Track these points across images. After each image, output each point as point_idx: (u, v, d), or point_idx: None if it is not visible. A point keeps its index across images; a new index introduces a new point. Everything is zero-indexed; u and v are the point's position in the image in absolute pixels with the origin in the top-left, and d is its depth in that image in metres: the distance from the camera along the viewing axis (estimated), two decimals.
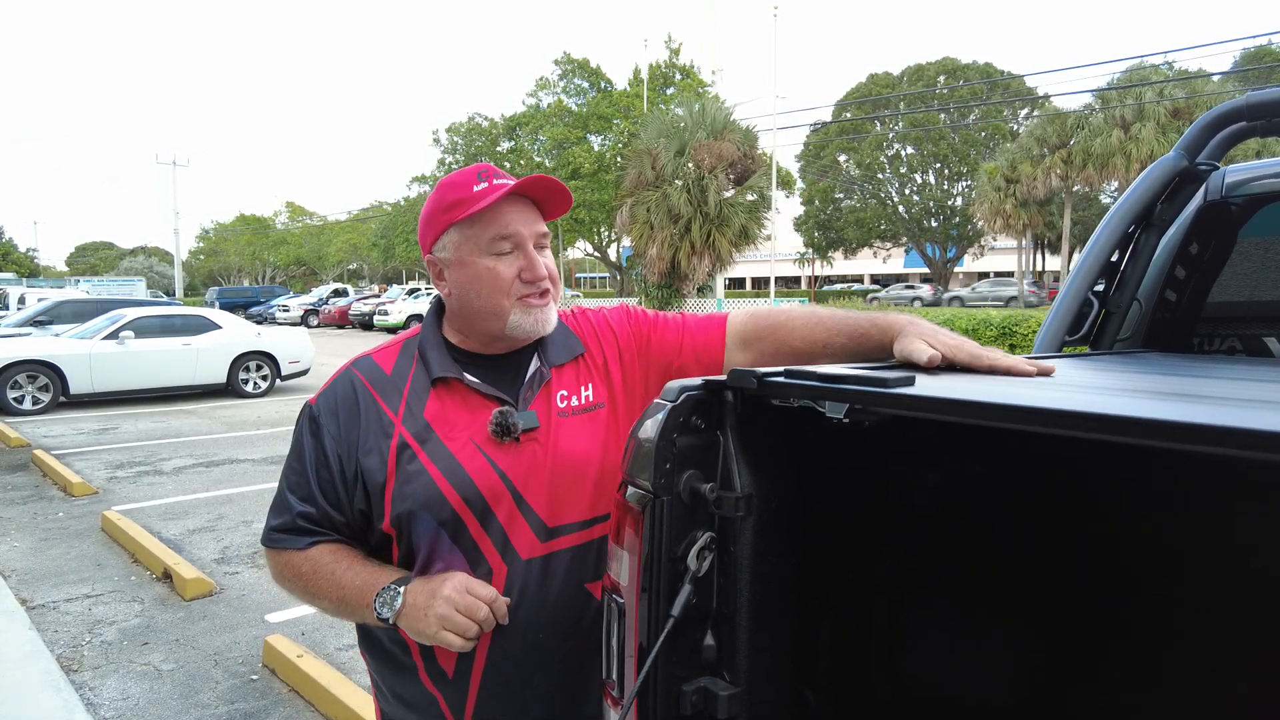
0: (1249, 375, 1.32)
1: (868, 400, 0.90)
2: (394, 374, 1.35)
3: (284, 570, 1.34)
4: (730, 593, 1.04)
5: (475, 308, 1.33)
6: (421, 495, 1.26)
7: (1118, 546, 1.33)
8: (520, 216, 1.32)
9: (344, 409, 1.32)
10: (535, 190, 1.33)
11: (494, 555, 1.28)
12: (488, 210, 1.28)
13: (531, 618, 1.28)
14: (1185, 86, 29.40)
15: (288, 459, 1.36)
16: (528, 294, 1.32)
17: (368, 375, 1.35)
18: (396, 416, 1.30)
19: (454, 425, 1.30)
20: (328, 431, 1.31)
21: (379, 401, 1.32)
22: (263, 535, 1.36)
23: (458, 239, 1.32)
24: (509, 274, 1.30)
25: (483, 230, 1.30)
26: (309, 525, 1.31)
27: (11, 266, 61.69)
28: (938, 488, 1.34)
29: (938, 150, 43.73)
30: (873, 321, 1.28)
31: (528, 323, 1.32)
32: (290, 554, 1.32)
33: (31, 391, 11.23)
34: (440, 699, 1.31)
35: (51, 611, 4.54)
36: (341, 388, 1.35)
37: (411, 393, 1.32)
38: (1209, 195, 2.18)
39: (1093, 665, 1.33)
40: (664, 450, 1.01)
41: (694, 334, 1.44)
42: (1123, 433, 0.69)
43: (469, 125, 33.55)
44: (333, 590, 1.29)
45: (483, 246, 1.30)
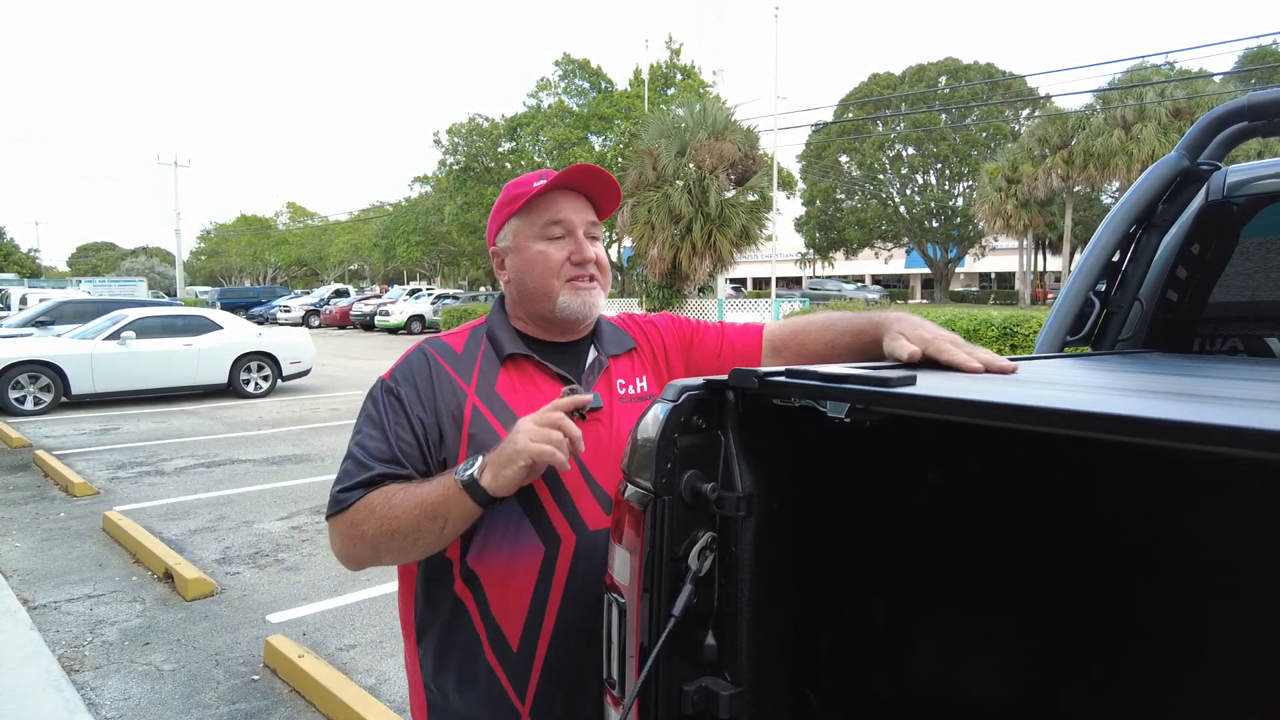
0: (1250, 375, 1.32)
1: (869, 400, 0.90)
2: (464, 353, 1.43)
3: (354, 518, 1.29)
4: (731, 592, 1.04)
5: (529, 289, 1.41)
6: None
7: (1119, 546, 1.33)
8: (571, 205, 1.42)
9: (420, 377, 1.38)
10: (588, 184, 1.43)
11: (563, 525, 1.31)
12: (542, 198, 1.41)
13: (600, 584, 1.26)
14: (1186, 87, 29.39)
15: (359, 430, 1.37)
16: (576, 275, 1.40)
17: (439, 351, 1.42)
18: (469, 387, 1.37)
19: (524, 399, 1.36)
20: (407, 398, 1.36)
21: (451, 373, 1.39)
22: (329, 508, 1.33)
23: (516, 227, 1.43)
24: (559, 256, 1.40)
25: (537, 217, 1.41)
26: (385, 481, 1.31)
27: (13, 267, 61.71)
28: (939, 487, 1.34)
29: (939, 151, 43.73)
30: (868, 319, 1.37)
31: (575, 304, 1.40)
32: (361, 500, 1.29)
33: (33, 392, 11.23)
34: (503, 677, 1.31)
35: (53, 612, 4.54)
36: (416, 360, 1.41)
37: (482, 369, 1.40)
38: (1210, 195, 2.17)
39: (1094, 665, 1.32)
40: (665, 450, 1.01)
41: (733, 341, 1.55)
42: (1125, 432, 0.69)
43: (470, 126, 33.54)
44: (411, 501, 1.26)
45: (536, 231, 1.41)
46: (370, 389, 1.42)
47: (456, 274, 52.73)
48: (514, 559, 1.30)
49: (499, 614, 1.31)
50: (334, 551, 1.35)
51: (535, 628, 1.30)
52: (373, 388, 1.42)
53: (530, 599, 1.30)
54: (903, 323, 1.29)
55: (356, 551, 1.32)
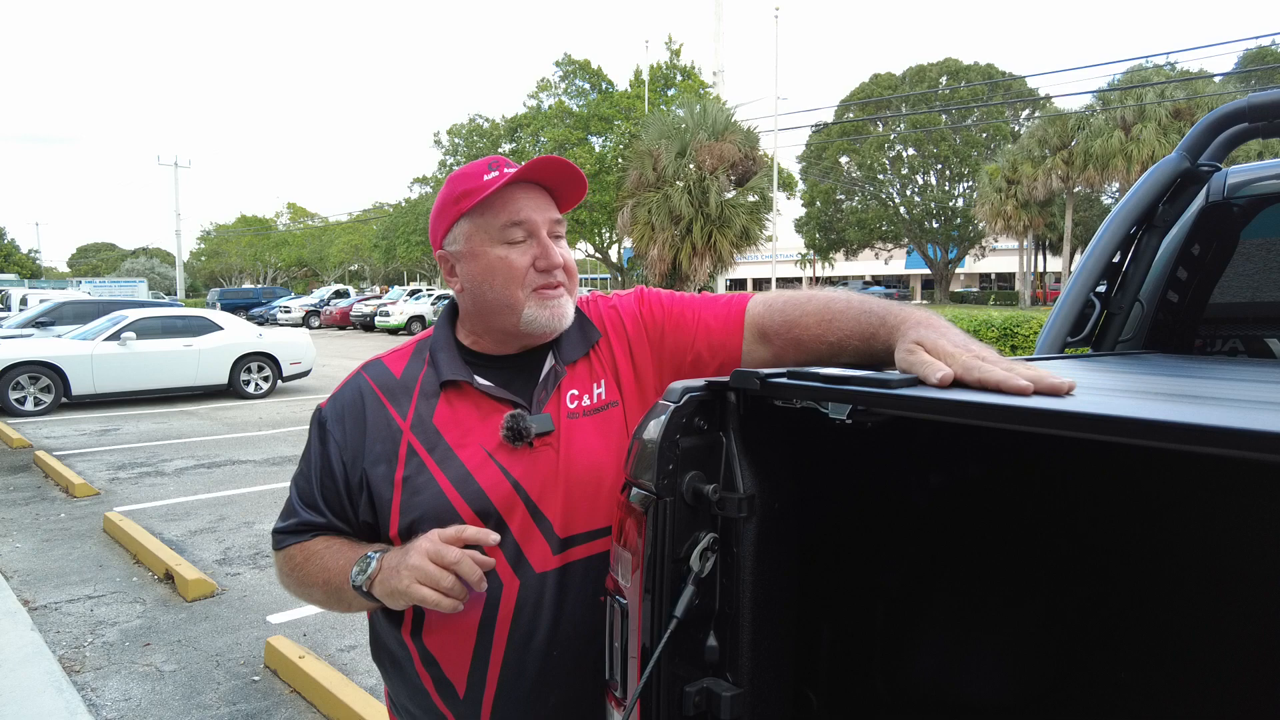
0: (1250, 376, 1.32)
1: (870, 401, 0.91)
2: (403, 377, 1.29)
3: (283, 566, 1.32)
4: (733, 593, 1.05)
5: (489, 301, 1.26)
6: (431, 507, 1.20)
7: (1120, 548, 1.33)
8: (533, 203, 1.26)
9: (350, 416, 1.28)
10: (548, 176, 1.27)
11: (505, 569, 1.20)
12: (498, 196, 1.23)
13: (547, 634, 1.21)
14: (1186, 87, 29.41)
15: (300, 461, 1.34)
16: (542, 284, 1.25)
17: (376, 379, 1.30)
18: (405, 422, 1.24)
19: (465, 431, 1.23)
20: (333, 439, 1.27)
21: (387, 407, 1.26)
22: (272, 537, 1.35)
23: (468, 229, 1.26)
24: (522, 263, 1.24)
25: (494, 217, 1.24)
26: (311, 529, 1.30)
27: (13, 268, 61.77)
28: (941, 488, 1.34)
29: (939, 151, 43.76)
30: (880, 319, 1.15)
31: (543, 317, 1.25)
32: (291, 549, 1.30)
33: (33, 392, 11.24)
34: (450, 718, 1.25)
35: (53, 612, 4.55)
36: (349, 394, 1.30)
37: (421, 397, 1.26)
38: (1211, 196, 2.18)
39: (1094, 666, 1.33)
40: (667, 451, 1.01)
41: (711, 329, 1.33)
42: (1123, 434, 0.69)
43: (470, 126, 33.58)
44: (320, 575, 1.25)
45: (494, 235, 1.24)
46: (312, 414, 1.35)
47: None
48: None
49: (443, 661, 1.23)
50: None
51: (480, 675, 1.22)
52: (312, 416, 1.34)
53: (473, 646, 1.22)
54: (921, 328, 1.05)
55: (287, 585, 1.35)
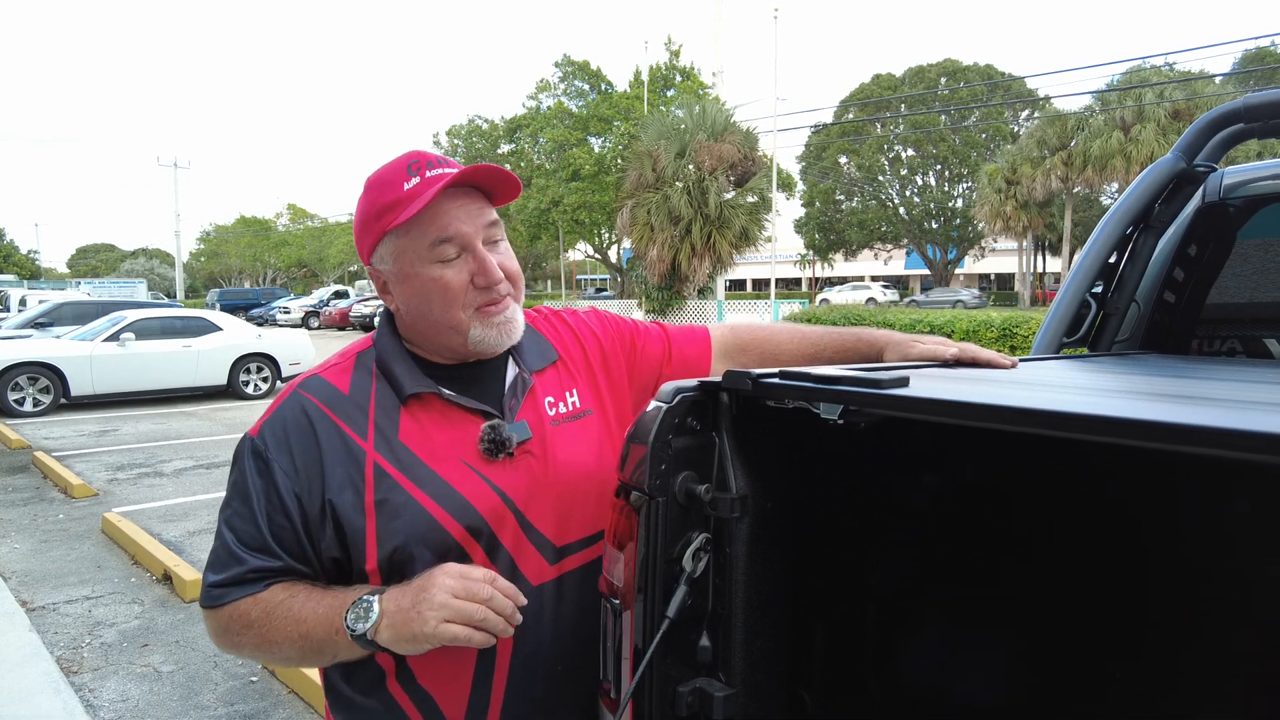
0: (1244, 377, 1.32)
1: (862, 401, 0.91)
2: (352, 393, 1.16)
3: (229, 625, 1.10)
4: (726, 594, 1.05)
5: (430, 323, 1.17)
6: (415, 528, 1.09)
7: (1115, 548, 1.33)
8: (462, 211, 1.14)
9: (296, 439, 1.12)
10: (476, 179, 1.16)
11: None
12: (423, 212, 1.11)
13: (551, 649, 1.16)
14: (1185, 88, 29.43)
15: (228, 502, 1.14)
16: (484, 302, 1.16)
17: (322, 398, 1.15)
18: (366, 442, 1.12)
19: (436, 445, 1.14)
20: (279, 469, 1.11)
21: (341, 426, 1.13)
22: (201, 597, 1.13)
23: (395, 248, 1.15)
24: (459, 282, 1.14)
25: (421, 235, 1.13)
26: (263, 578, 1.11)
27: (13, 268, 61.80)
28: (933, 489, 1.34)
29: (939, 152, 43.80)
30: (858, 337, 1.36)
31: (491, 336, 1.17)
32: (237, 604, 1.09)
33: (32, 393, 11.24)
34: None
35: (51, 613, 4.55)
36: (290, 414, 1.14)
37: (379, 413, 1.14)
38: (1207, 197, 2.18)
39: (1089, 667, 1.33)
40: (659, 452, 1.01)
41: (681, 345, 1.40)
42: (1115, 434, 0.69)
43: (469, 127, 33.61)
44: (291, 628, 1.07)
45: (424, 254, 1.13)
46: (238, 445, 1.16)
47: None
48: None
49: (437, 695, 1.13)
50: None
51: (481, 706, 1.13)
52: (239, 447, 1.16)
53: (472, 677, 1.13)
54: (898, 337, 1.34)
55: (236, 645, 1.13)
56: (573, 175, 29.53)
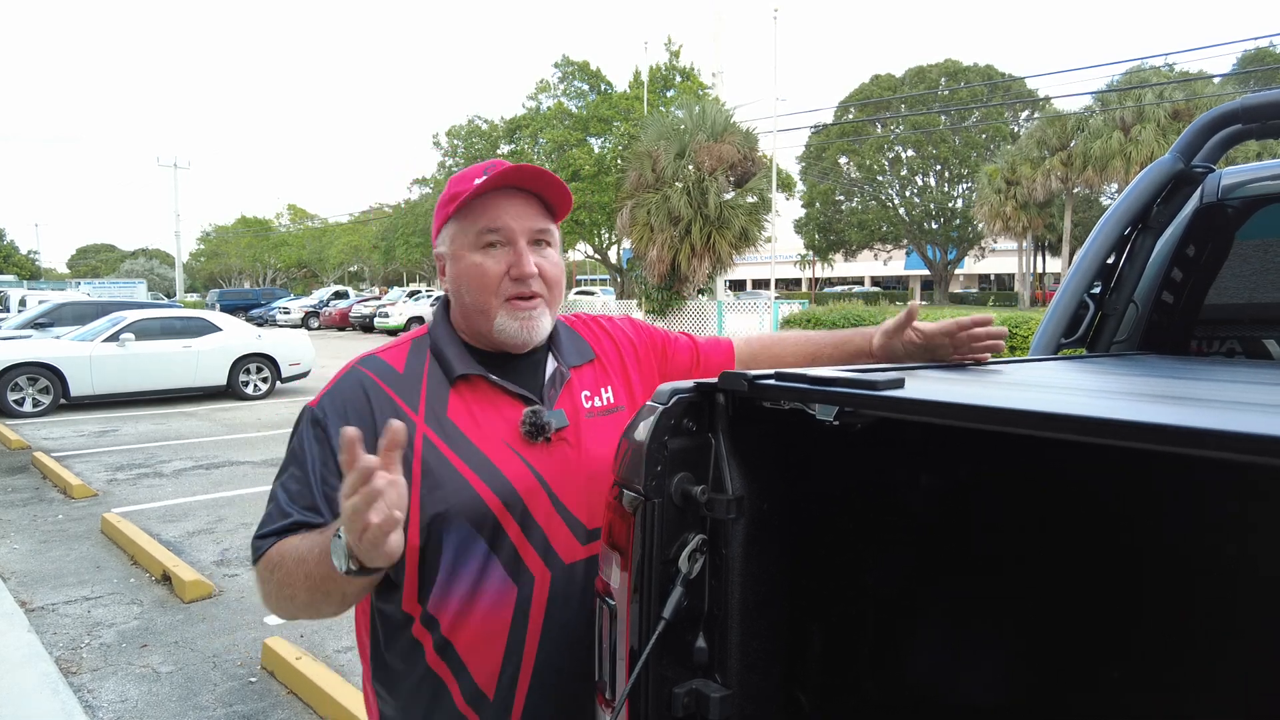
0: (1241, 378, 1.32)
1: (857, 402, 0.91)
2: (407, 372, 1.25)
3: (262, 574, 1.18)
4: (722, 595, 1.05)
5: (466, 304, 1.26)
6: (456, 498, 1.16)
7: (1111, 549, 1.33)
8: (514, 210, 1.24)
9: (354, 409, 1.20)
10: (536, 183, 1.26)
11: (536, 561, 1.20)
12: (479, 201, 1.23)
13: (579, 624, 1.20)
14: (1185, 88, 29.42)
15: (284, 468, 1.23)
16: (515, 294, 1.24)
17: (378, 372, 1.25)
18: (417, 415, 1.20)
19: (481, 425, 1.22)
20: (335, 435, 1.16)
21: (395, 399, 1.21)
22: (252, 546, 1.20)
23: (453, 232, 1.27)
24: (496, 270, 1.23)
25: (472, 223, 1.24)
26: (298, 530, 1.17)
27: (13, 269, 61.82)
28: (929, 490, 1.34)
29: (938, 152, 43.80)
30: (856, 331, 1.48)
31: (513, 328, 1.24)
32: (269, 552, 1.16)
33: (32, 394, 11.23)
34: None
35: (50, 614, 4.54)
36: (349, 387, 1.23)
37: (430, 391, 1.23)
38: (1205, 197, 2.18)
39: (1086, 667, 1.33)
40: (655, 453, 1.01)
41: (708, 353, 1.51)
42: (1107, 435, 0.69)
43: (469, 128, 33.60)
44: (297, 567, 1.12)
45: (471, 240, 1.24)
46: (299, 416, 1.25)
47: None
48: (483, 603, 1.18)
49: (470, 663, 1.19)
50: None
51: (512, 673, 1.19)
52: (300, 417, 1.24)
53: (505, 644, 1.19)
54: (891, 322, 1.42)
55: (271, 607, 1.19)
56: (572, 176, 29.54)
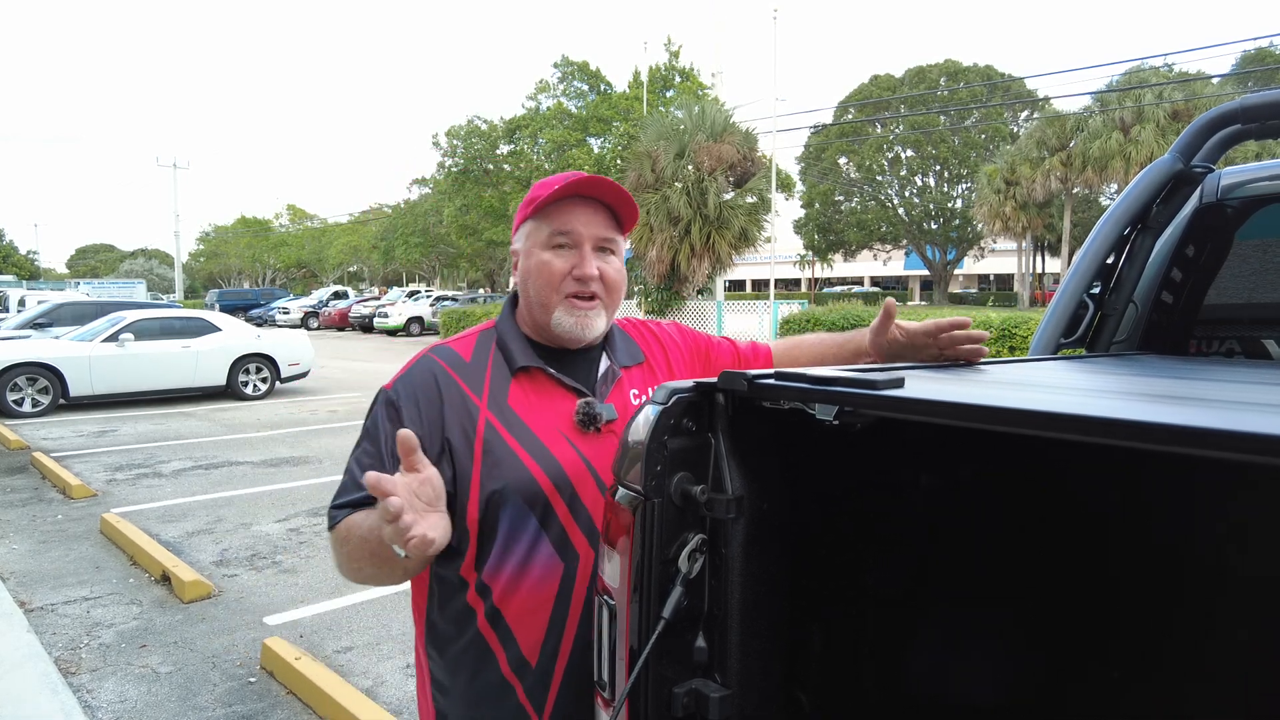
0: (1243, 378, 1.32)
1: (857, 402, 0.91)
2: (473, 361, 1.36)
3: (334, 544, 1.28)
4: (721, 595, 1.04)
5: (530, 297, 1.38)
6: (512, 477, 1.26)
7: (1112, 549, 1.33)
8: (584, 217, 1.36)
9: (424, 394, 1.31)
10: (605, 195, 1.37)
11: (581, 541, 1.29)
12: (554, 206, 1.35)
13: None
14: (1185, 89, 29.43)
15: (359, 445, 1.32)
16: (574, 292, 1.35)
17: (447, 360, 1.36)
18: (481, 400, 1.32)
19: (538, 413, 1.32)
20: (407, 415, 1.29)
21: (461, 385, 1.32)
22: (328, 515, 1.30)
23: (529, 230, 1.39)
24: (560, 269, 1.34)
25: (546, 224, 1.36)
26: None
27: (12, 269, 61.78)
28: (930, 490, 1.34)
29: (938, 153, 43.79)
30: (858, 331, 1.55)
31: (569, 323, 1.35)
32: (341, 524, 1.26)
33: (31, 394, 11.22)
34: (520, 692, 1.29)
35: (50, 614, 4.54)
36: (420, 374, 1.34)
37: (493, 380, 1.34)
38: (1205, 198, 2.18)
39: (1086, 668, 1.33)
40: (655, 452, 1.01)
41: (748, 358, 1.60)
42: (1107, 435, 0.69)
43: (468, 128, 33.54)
44: (360, 543, 1.21)
45: (543, 239, 1.36)
46: (374, 398, 1.36)
47: (455, 276, 52.78)
48: (532, 576, 1.28)
49: (518, 632, 1.29)
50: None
51: (555, 643, 1.28)
52: (375, 400, 1.35)
53: (550, 615, 1.28)
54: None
55: (342, 573, 1.30)
56: None
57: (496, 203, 31.77)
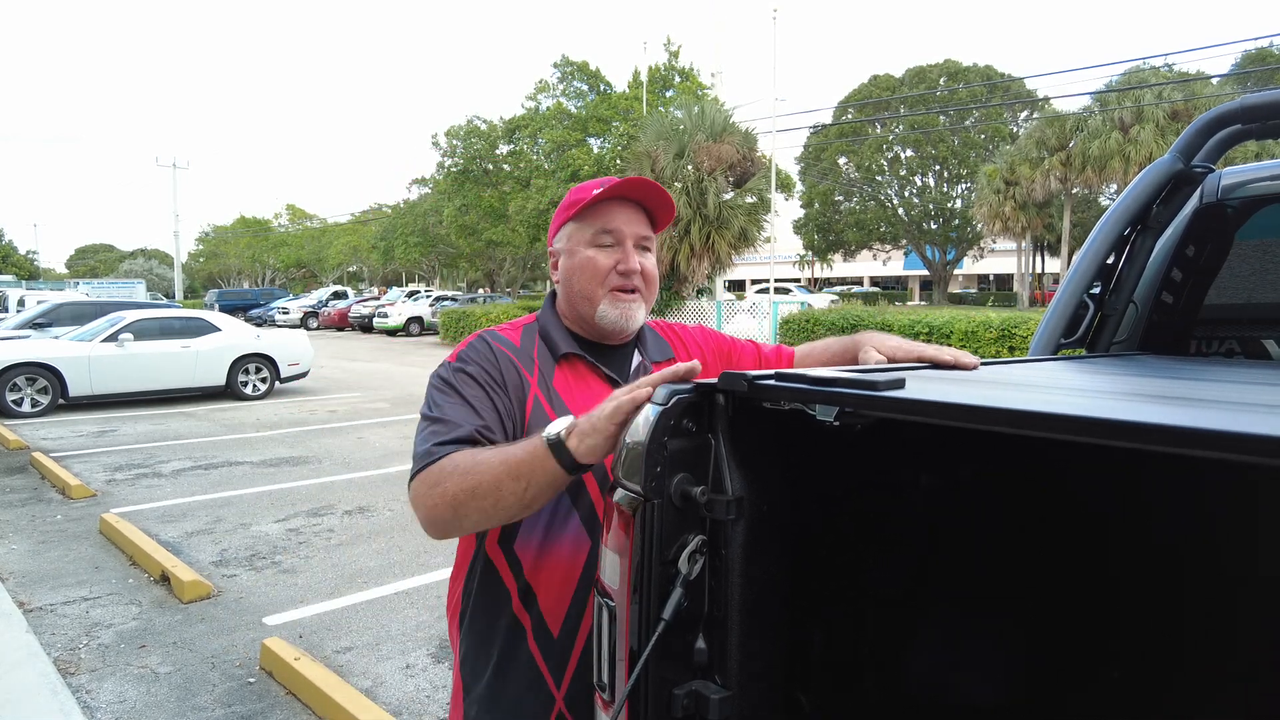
0: (1243, 378, 1.32)
1: (857, 403, 0.90)
2: (522, 346, 1.46)
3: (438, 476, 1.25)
4: (722, 596, 1.04)
5: (575, 291, 1.46)
6: None
7: (1113, 550, 1.33)
8: (625, 216, 1.46)
9: (486, 361, 1.40)
10: (646, 196, 1.47)
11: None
12: (600, 207, 1.45)
13: None
14: (1184, 89, 29.42)
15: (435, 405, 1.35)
16: (619, 285, 1.44)
17: (501, 342, 1.45)
18: (531, 377, 1.42)
19: (577, 397, 1.41)
20: (480, 376, 1.37)
21: (516, 363, 1.42)
22: (414, 464, 1.29)
23: (571, 230, 1.49)
24: (606, 264, 1.44)
25: (590, 224, 1.46)
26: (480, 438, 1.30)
27: (12, 269, 61.75)
28: (930, 491, 1.34)
29: (938, 153, 43.76)
30: (848, 339, 1.55)
31: (614, 314, 1.44)
32: (448, 457, 1.25)
33: (30, 394, 11.22)
34: (542, 663, 1.35)
35: (49, 614, 4.54)
36: (480, 346, 1.43)
37: (541, 363, 1.44)
38: (1205, 198, 2.18)
39: (1088, 669, 1.32)
40: (655, 453, 1.01)
41: (770, 359, 1.65)
42: (1108, 436, 0.69)
43: (468, 128, 33.51)
44: (496, 458, 1.22)
45: (588, 238, 1.46)
46: (434, 377, 1.41)
47: (455, 276, 52.74)
48: (562, 549, 1.35)
49: (544, 602, 1.36)
50: (418, 516, 1.30)
51: (577, 617, 1.34)
52: (436, 374, 1.41)
53: (574, 589, 1.35)
54: (871, 338, 1.47)
55: (437, 513, 1.25)
56: (572, 176, 29.48)
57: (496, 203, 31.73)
